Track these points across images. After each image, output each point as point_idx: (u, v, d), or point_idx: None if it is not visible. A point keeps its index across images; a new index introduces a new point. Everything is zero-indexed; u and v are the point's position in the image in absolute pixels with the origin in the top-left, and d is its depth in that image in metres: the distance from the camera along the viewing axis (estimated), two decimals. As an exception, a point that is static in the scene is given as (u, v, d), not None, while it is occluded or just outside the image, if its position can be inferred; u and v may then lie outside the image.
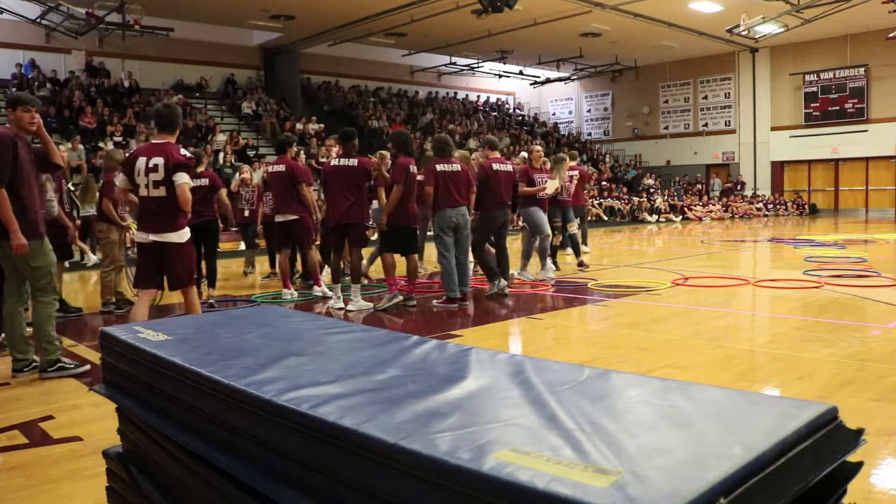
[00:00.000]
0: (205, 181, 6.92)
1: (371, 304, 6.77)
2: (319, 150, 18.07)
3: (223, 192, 7.30)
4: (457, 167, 6.93)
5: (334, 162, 6.79)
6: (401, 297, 6.71)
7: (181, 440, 1.74)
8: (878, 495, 2.50)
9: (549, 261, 8.58)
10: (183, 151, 4.61)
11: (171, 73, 21.47)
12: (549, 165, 8.80)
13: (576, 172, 9.87)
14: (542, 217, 8.20)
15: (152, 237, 4.51)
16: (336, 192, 6.66)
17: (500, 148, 7.47)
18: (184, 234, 4.58)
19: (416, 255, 7.31)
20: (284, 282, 7.41)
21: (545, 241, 8.31)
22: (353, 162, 6.62)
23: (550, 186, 8.16)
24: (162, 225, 4.49)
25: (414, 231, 6.90)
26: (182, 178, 4.46)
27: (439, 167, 6.81)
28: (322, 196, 7.64)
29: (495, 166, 7.25)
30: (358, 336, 2.07)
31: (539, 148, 8.64)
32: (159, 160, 4.43)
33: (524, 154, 9.17)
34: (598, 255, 12.04)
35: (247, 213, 9.50)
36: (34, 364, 4.44)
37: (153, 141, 4.64)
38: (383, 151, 8.21)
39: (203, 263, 7.05)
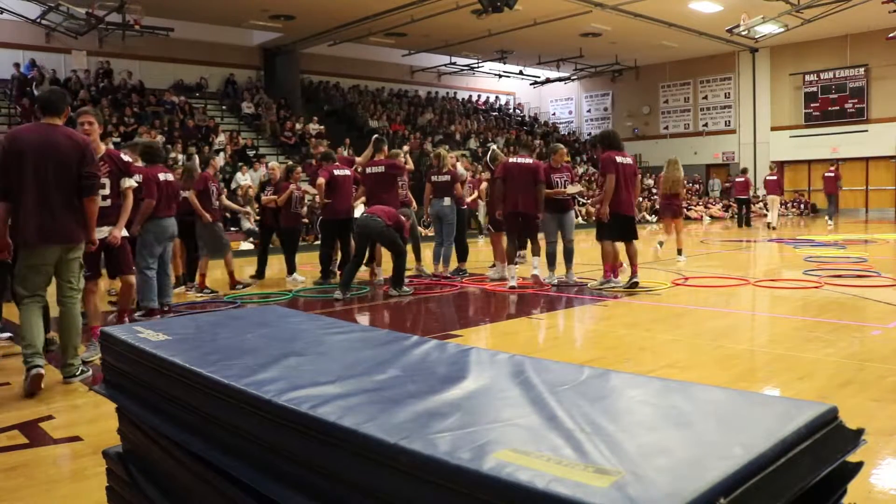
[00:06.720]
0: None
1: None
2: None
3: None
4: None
5: (512, 160, 7.75)
6: (613, 283, 7.57)
7: (181, 440, 1.74)
8: (878, 495, 2.50)
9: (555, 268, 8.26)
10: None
11: (171, 73, 21.46)
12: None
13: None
14: (547, 224, 8.00)
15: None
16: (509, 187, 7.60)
17: (330, 152, 8.35)
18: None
19: (636, 242, 7.71)
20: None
21: (551, 246, 8.04)
22: (529, 161, 7.63)
23: (571, 189, 8.09)
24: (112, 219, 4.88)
25: (632, 219, 7.52)
26: None
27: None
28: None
29: (336, 172, 7.87)
30: (358, 336, 2.07)
31: (562, 147, 8.42)
32: None
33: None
34: (598, 255, 11.98)
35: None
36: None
37: None
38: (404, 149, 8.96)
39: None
